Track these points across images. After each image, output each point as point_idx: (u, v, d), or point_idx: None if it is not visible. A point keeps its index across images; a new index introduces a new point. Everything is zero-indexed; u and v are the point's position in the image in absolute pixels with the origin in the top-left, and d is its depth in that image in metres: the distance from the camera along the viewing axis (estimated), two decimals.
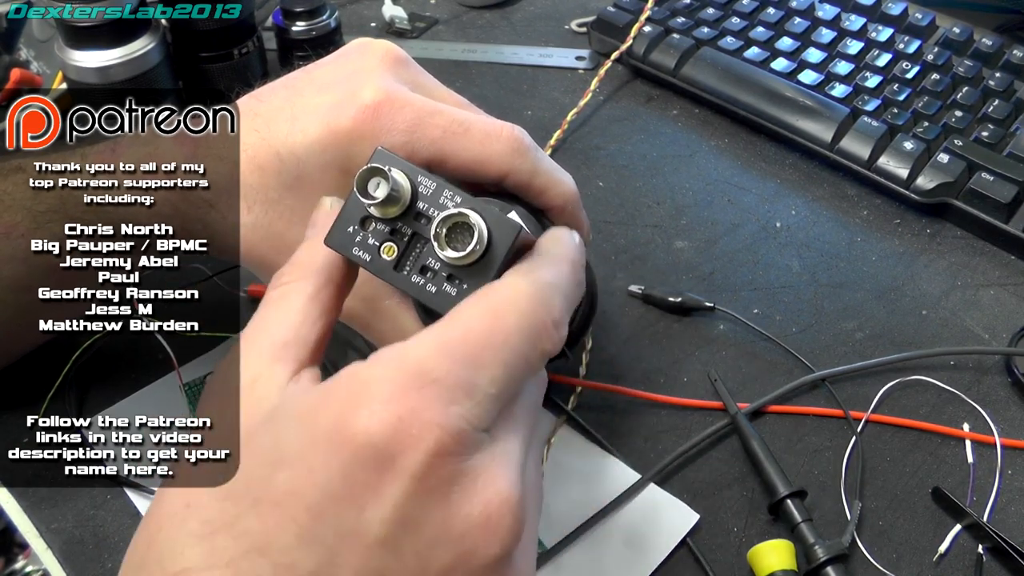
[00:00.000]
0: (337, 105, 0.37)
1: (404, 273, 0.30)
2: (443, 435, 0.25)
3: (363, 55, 0.39)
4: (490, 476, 0.26)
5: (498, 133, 0.36)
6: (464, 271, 0.29)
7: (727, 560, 0.41)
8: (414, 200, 0.30)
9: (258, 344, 0.29)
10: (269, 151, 0.38)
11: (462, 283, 0.29)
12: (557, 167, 0.38)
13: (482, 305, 0.27)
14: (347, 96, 0.37)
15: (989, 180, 0.56)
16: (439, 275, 0.29)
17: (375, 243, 0.30)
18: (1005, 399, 0.47)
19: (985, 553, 0.41)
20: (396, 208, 0.30)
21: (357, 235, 0.30)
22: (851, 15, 0.69)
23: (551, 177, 0.37)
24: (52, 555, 0.41)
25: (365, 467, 0.24)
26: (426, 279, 0.30)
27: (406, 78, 0.39)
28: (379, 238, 0.30)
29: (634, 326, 0.51)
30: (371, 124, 0.36)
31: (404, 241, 0.30)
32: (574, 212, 0.39)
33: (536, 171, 0.37)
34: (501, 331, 0.26)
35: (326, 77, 0.39)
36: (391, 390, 0.25)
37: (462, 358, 0.26)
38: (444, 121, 0.36)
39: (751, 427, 0.45)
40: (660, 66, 0.68)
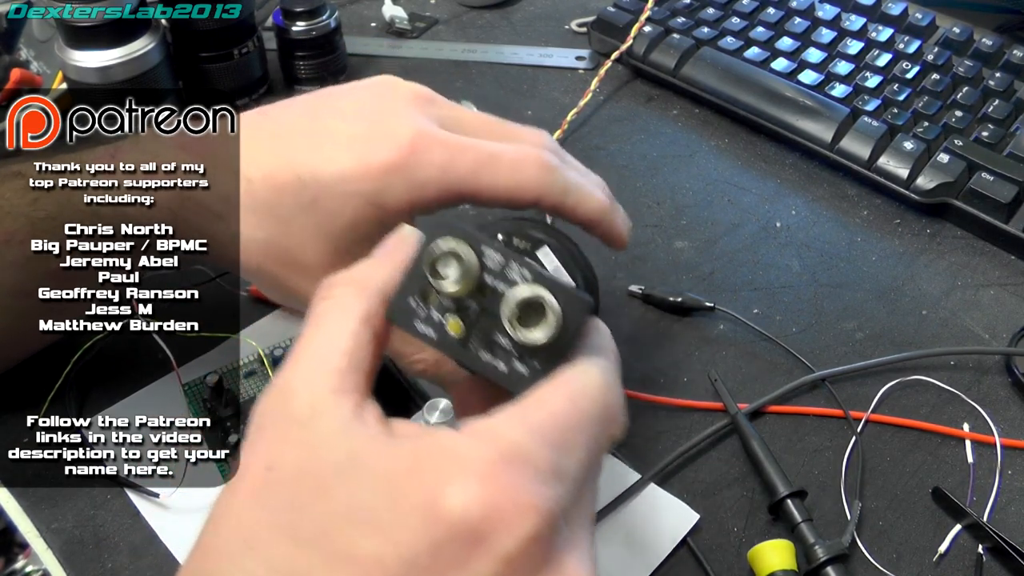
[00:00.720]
0: (369, 138, 0.37)
1: (472, 351, 0.28)
2: (538, 519, 0.24)
3: (392, 91, 0.39)
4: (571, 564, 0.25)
5: (525, 161, 0.37)
6: (536, 350, 0.27)
7: (727, 560, 0.41)
8: (480, 274, 0.28)
9: (312, 368, 0.27)
10: (289, 173, 0.38)
11: (534, 362, 0.28)
12: (586, 181, 0.39)
13: (563, 391, 0.27)
14: (380, 131, 0.37)
15: (989, 180, 0.56)
16: (510, 353, 0.28)
17: (439, 319, 0.28)
18: (1005, 399, 0.47)
19: (985, 553, 0.41)
20: (463, 287, 0.27)
21: (420, 310, 0.28)
22: (851, 15, 0.69)
23: (582, 194, 0.38)
24: (52, 555, 0.41)
25: (455, 544, 0.24)
26: (496, 357, 0.28)
27: (434, 115, 0.39)
28: (443, 312, 0.28)
29: (634, 326, 0.51)
30: (404, 161, 0.37)
31: (470, 316, 0.28)
32: (610, 222, 0.39)
33: (566, 191, 0.38)
34: (582, 417, 0.26)
35: (352, 108, 0.39)
36: (486, 467, 0.24)
37: (553, 441, 0.25)
38: (475, 155, 0.37)
39: (751, 427, 0.45)
40: (660, 66, 0.68)
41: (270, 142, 0.39)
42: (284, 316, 0.50)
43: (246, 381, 0.47)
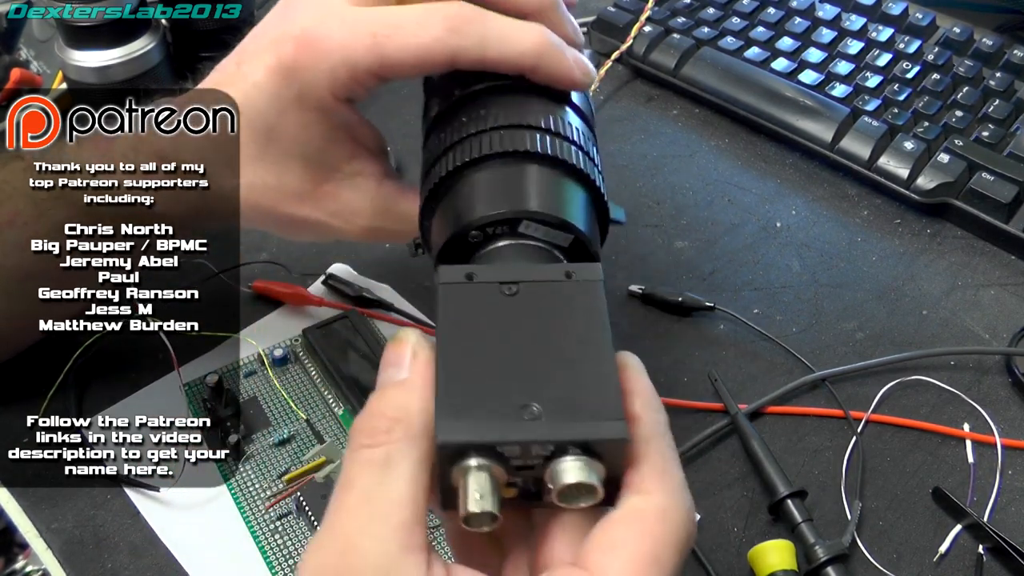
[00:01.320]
0: (273, 44, 0.37)
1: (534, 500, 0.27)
2: None
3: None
4: None
5: (431, 18, 0.34)
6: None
7: (727, 560, 0.41)
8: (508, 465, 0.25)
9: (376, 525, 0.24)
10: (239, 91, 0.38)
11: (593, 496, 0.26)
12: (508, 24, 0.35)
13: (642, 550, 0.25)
14: (281, 32, 0.37)
15: (989, 180, 0.56)
16: None
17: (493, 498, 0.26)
18: (1005, 399, 0.47)
19: (985, 553, 0.41)
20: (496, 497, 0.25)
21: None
22: (851, 15, 0.69)
23: (505, 43, 0.34)
24: (52, 555, 0.41)
25: None
26: None
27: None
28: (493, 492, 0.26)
29: (634, 326, 0.51)
30: (305, 53, 0.36)
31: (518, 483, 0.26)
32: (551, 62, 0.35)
33: (485, 44, 0.34)
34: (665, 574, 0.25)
35: (265, 25, 0.39)
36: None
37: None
38: (374, 27, 0.35)
39: (751, 427, 0.45)
40: (660, 66, 0.68)
41: None
42: (284, 315, 0.50)
43: (246, 381, 0.47)
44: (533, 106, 0.35)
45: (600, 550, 0.25)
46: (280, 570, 0.40)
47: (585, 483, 0.25)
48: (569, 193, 0.33)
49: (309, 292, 0.51)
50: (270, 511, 0.42)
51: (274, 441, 0.44)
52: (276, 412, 0.46)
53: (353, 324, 0.49)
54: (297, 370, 0.48)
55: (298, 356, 0.48)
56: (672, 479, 0.26)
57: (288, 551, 0.40)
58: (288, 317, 0.50)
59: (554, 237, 0.32)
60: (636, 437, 0.26)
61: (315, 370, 0.47)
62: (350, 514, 0.25)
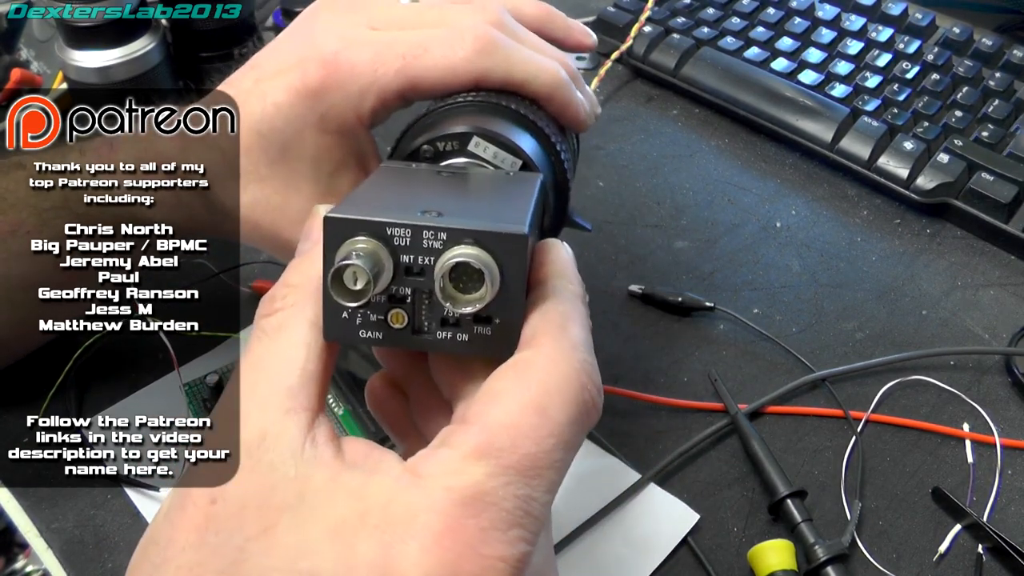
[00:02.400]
0: (297, 66, 0.37)
1: (426, 335, 0.26)
2: (507, 570, 0.22)
3: (318, 9, 0.39)
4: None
5: (459, 39, 0.35)
6: (488, 307, 0.25)
7: (727, 560, 0.41)
8: (396, 257, 0.25)
9: (261, 389, 0.25)
10: (249, 133, 0.38)
11: (493, 319, 0.25)
12: (536, 55, 0.36)
13: (524, 395, 0.24)
14: (306, 55, 0.37)
15: (989, 180, 0.56)
16: (464, 321, 0.25)
17: (380, 317, 0.26)
18: (1005, 399, 0.47)
19: (985, 553, 0.41)
20: (381, 283, 0.25)
21: (356, 317, 0.26)
22: (851, 15, 0.69)
23: (529, 68, 0.36)
24: (52, 555, 0.41)
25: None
26: (452, 330, 0.26)
27: (363, 20, 0.38)
28: (381, 310, 0.26)
29: (634, 326, 0.51)
30: (333, 76, 0.36)
31: (409, 303, 0.25)
32: (563, 97, 0.36)
33: (510, 67, 0.35)
34: (552, 428, 0.24)
35: (284, 44, 0.39)
36: (444, 521, 0.22)
37: (518, 473, 0.23)
38: (402, 48, 0.35)
39: (751, 427, 0.45)
40: (660, 66, 0.68)
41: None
42: None
43: None
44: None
45: (483, 401, 0.24)
46: None
47: (473, 266, 0.24)
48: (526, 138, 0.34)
49: None
50: None
51: None
52: None
53: None
54: None
55: None
56: (570, 337, 0.25)
57: None
58: None
59: (503, 160, 0.32)
60: (538, 295, 0.26)
61: None
62: (238, 382, 0.25)
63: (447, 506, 0.22)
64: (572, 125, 0.38)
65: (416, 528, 0.22)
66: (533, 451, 0.23)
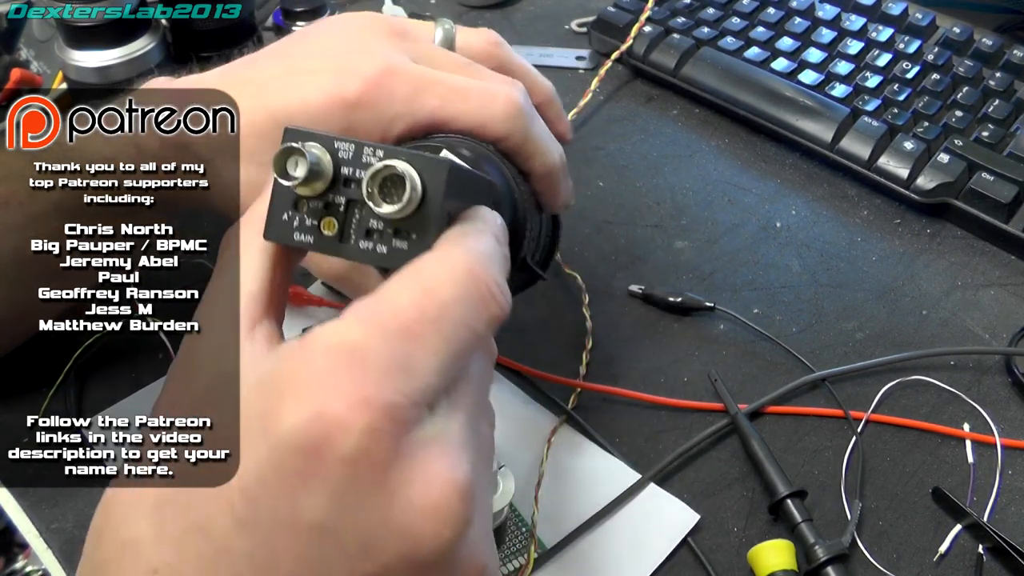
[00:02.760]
0: (339, 74, 0.38)
1: (351, 243, 0.29)
2: (374, 413, 0.23)
3: (364, 24, 0.40)
4: (432, 457, 0.24)
5: (494, 98, 0.37)
6: (408, 222, 0.28)
7: (727, 560, 0.41)
8: (337, 168, 0.28)
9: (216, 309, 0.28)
10: (267, 116, 0.38)
11: (410, 234, 0.28)
12: (547, 135, 0.39)
13: (412, 279, 0.26)
14: (349, 67, 0.38)
15: (989, 180, 0.56)
16: (385, 234, 0.28)
17: (313, 222, 0.29)
18: (1005, 399, 0.47)
19: (985, 553, 0.41)
20: (321, 182, 0.28)
21: (293, 220, 0.29)
22: (851, 15, 0.69)
23: (539, 145, 0.38)
24: (52, 555, 0.41)
25: (295, 456, 0.23)
26: (374, 242, 0.28)
27: (407, 49, 0.39)
28: (316, 216, 0.29)
29: (634, 326, 0.51)
30: (372, 94, 0.37)
31: (341, 212, 0.29)
32: (555, 180, 0.39)
33: (528, 137, 0.38)
34: (436, 302, 0.25)
35: (324, 45, 0.40)
36: (317, 374, 0.24)
37: (395, 332, 0.24)
38: (443, 90, 0.37)
39: (751, 427, 0.45)
40: (660, 66, 0.68)
41: (247, 87, 0.39)
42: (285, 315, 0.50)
43: None
44: None
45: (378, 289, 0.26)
46: None
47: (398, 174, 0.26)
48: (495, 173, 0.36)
49: (309, 292, 0.51)
50: None
51: None
52: None
53: None
54: None
55: None
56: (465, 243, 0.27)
57: None
58: (288, 317, 0.50)
59: None
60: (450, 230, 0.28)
61: None
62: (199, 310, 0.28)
63: (322, 361, 0.24)
64: (550, 203, 0.40)
65: (293, 383, 0.24)
66: (413, 316, 0.25)
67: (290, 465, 0.23)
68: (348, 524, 0.24)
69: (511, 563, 0.40)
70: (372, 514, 0.24)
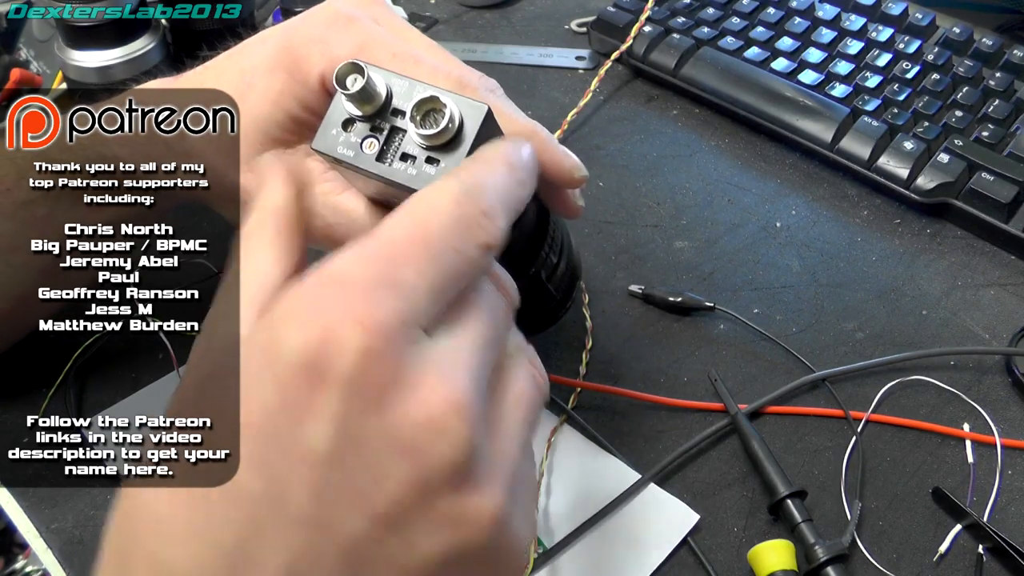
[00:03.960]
0: (296, 21, 0.38)
1: (387, 163, 0.31)
2: (366, 333, 0.23)
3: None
4: (430, 376, 0.24)
5: (447, 72, 0.35)
6: (441, 151, 0.30)
7: (727, 560, 0.41)
8: (389, 97, 0.31)
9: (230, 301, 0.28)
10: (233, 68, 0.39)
11: (439, 163, 0.30)
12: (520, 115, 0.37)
13: (402, 212, 0.26)
14: (306, 15, 0.38)
15: (989, 180, 0.56)
16: (419, 160, 0.31)
17: (357, 140, 0.32)
18: (1005, 399, 0.47)
19: (985, 553, 0.41)
20: (372, 105, 0.31)
21: (340, 136, 0.32)
22: (851, 15, 0.69)
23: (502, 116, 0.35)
24: (52, 555, 0.41)
25: (297, 382, 0.24)
26: (407, 164, 0.31)
27: (377, 15, 0.38)
28: (360, 135, 0.31)
29: (634, 326, 0.51)
30: (321, 32, 0.37)
31: (384, 135, 0.31)
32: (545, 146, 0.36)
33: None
34: (422, 229, 0.26)
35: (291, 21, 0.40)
36: (310, 301, 0.24)
37: (381, 257, 0.25)
38: (396, 50, 0.36)
39: (751, 427, 0.45)
40: (660, 66, 0.68)
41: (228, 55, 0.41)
42: None
43: None
44: None
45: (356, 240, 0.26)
46: None
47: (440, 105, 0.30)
48: None
49: None
50: None
51: None
52: None
53: None
54: None
55: None
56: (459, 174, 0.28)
57: None
58: None
59: None
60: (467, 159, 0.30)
61: None
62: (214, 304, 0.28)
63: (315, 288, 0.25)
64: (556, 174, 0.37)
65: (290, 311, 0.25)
66: (400, 242, 0.25)
67: (293, 389, 0.24)
68: (353, 450, 0.23)
69: None
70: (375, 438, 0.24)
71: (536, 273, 0.40)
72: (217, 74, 0.40)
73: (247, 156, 0.39)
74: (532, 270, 0.40)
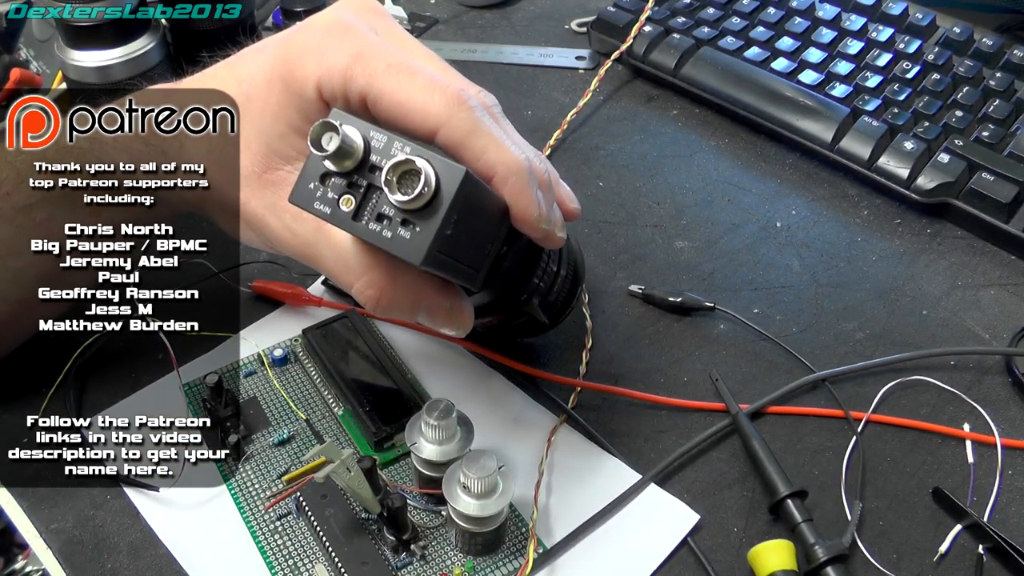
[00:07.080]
0: (293, 30, 0.39)
1: (363, 222, 0.31)
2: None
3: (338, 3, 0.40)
4: None
5: (444, 86, 0.34)
6: (416, 215, 0.30)
7: (727, 560, 0.41)
8: (367, 153, 0.31)
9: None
10: (230, 78, 0.40)
11: (415, 226, 0.30)
12: (508, 139, 0.35)
13: None
14: (305, 23, 0.38)
15: (989, 180, 0.56)
16: (394, 221, 0.31)
17: (334, 196, 0.32)
18: (1005, 399, 0.47)
19: (985, 553, 0.41)
20: (350, 161, 0.31)
21: (317, 191, 0.32)
22: (851, 15, 0.69)
23: (492, 141, 0.34)
24: (52, 555, 0.41)
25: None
26: (382, 226, 0.31)
27: (376, 25, 0.38)
28: (337, 191, 0.31)
29: (634, 326, 0.51)
30: (317, 41, 0.37)
31: (360, 193, 0.31)
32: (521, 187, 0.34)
33: (475, 131, 0.34)
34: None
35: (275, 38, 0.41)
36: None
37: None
38: (392, 60, 0.35)
39: (752, 427, 0.45)
40: (660, 66, 0.68)
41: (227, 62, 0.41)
42: (284, 315, 0.50)
43: (246, 381, 0.47)
44: None
45: None
46: (280, 570, 0.40)
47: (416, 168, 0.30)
48: None
49: (309, 292, 0.51)
50: (270, 511, 0.42)
51: (274, 441, 0.44)
52: (276, 412, 0.46)
53: (353, 324, 0.49)
54: (297, 370, 0.48)
55: (298, 356, 0.48)
56: None
57: (288, 551, 0.40)
58: (288, 317, 0.50)
59: None
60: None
61: (315, 370, 0.47)
62: None
63: None
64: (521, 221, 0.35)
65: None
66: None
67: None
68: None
69: (511, 563, 0.40)
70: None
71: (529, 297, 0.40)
72: (215, 83, 0.40)
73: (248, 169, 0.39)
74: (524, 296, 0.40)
